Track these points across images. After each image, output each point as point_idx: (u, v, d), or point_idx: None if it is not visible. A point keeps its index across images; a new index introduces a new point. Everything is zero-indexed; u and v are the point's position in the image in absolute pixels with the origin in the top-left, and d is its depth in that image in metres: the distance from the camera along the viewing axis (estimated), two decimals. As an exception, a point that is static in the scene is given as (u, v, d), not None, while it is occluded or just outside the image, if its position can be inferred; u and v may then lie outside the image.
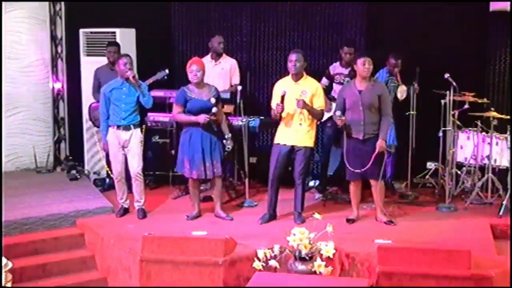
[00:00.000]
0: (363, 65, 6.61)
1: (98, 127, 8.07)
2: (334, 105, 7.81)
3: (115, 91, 7.02)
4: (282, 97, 6.68)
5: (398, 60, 7.60)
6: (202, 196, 7.40)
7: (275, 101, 6.85)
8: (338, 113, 6.60)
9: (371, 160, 6.56)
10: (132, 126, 7.04)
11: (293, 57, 6.77)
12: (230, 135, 6.95)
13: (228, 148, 6.93)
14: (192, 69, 6.85)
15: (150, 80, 7.87)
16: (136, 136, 7.07)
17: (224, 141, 6.91)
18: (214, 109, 6.78)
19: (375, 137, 6.63)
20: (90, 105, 8.18)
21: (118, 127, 7.03)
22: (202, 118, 6.75)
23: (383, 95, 6.68)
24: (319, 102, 6.82)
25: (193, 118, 6.81)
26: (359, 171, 6.64)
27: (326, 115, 7.79)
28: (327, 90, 7.93)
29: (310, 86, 6.83)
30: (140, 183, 7.13)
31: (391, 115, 6.75)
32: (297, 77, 6.82)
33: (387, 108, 6.70)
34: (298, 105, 6.65)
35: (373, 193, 6.84)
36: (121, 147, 7.07)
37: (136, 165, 7.06)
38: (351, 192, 6.91)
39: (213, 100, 6.83)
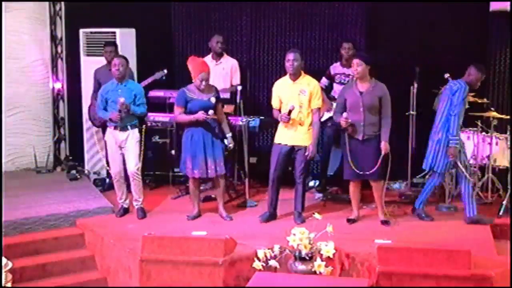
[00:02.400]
0: (352, 66, 6.63)
1: (98, 126, 8.09)
2: (335, 104, 7.83)
3: (111, 93, 7.03)
4: (290, 112, 6.71)
5: (483, 75, 6.90)
6: (202, 196, 7.41)
7: (275, 101, 6.92)
8: (345, 114, 6.57)
9: (378, 163, 6.57)
10: (129, 126, 7.04)
11: (290, 56, 6.77)
12: (230, 134, 6.97)
13: (230, 147, 6.94)
14: (203, 77, 6.73)
15: (149, 80, 7.88)
16: (133, 137, 7.06)
17: (225, 140, 6.92)
18: (210, 112, 6.77)
19: (375, 138, 6.65)
20: (90, 105, 8.18)
21: (115, 127, 7.04)
22: (199, 115, 6.74)
23: (384, 97, 6.65)
24: (317, 101, 6.83)
25: (191, 116, 6.81)
26: (359, 172, 6.65)
27: (327, 115, 7.80)
28: (327, 90, 7.94)
29: (308, 85, 6.83)
30: (138, 183, 7.14)
31: (390, 117, 6.70)
32: (295, 76, 6.83)
33: (387, 110, 6.67)
34: (311, 156, 6.80)
35: (373, 192, 6.85)
36: (118, 147, 7.08)
37: (133, 164, 7.05)
38: (351, 192, 6.92)
39: (213, 100, 6.83)
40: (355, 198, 6.91)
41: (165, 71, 8.04)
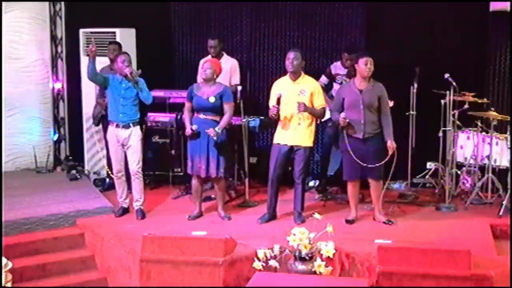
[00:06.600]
0: (365, 65, 6.61)
1: (96, 125, 8.10)
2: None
3: (115, 87, 7.01)
4: (278, 99, 6.70)
5: None
6: (203, 196, 7.40)
7: (272, 101, 6.88)
8: (343, 114, 6.58)
9: (383, 161, 6.59)
10: (131, 124, 7.03)
11: (291, 55, 6.77)
12: (220, 130, 6.76)
13: (209, 133, 6.72)
14: (203, 66, 7.02)
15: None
16: (135, 134, 7.06)
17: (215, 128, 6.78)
18: (194, 127, 6.81)
19: (375, 136, 6.66)
20: (95, 105, 8.15)
21: (117, 125, 7.03)
22: (187, 130, 6.87)
23: (383, 96, 6.70)
24: (319, 101, 6.83)
25: (186, 125, 6.93)
26: (363, 165, 6.62)
27: (327, 115, 7.79)
28: (326, 89, 7.93)
29: (308, 85, 6.83)
30: (140, 181, 7.13)
31: (390, 115, 6.73)
32: (295, 76, 6.82)
33: (387, 109, 6.73)
34: (299, 109, 6.66)
35: (371, 192, 6.85)
36: (120, 145, 7.07)
37: (135, 163, 7.06)
38: (349, 193, 6.91)
39: (212, 99, 6.83)
40: (353, 198, 6.90)
41: (140, 71, 7.78)
